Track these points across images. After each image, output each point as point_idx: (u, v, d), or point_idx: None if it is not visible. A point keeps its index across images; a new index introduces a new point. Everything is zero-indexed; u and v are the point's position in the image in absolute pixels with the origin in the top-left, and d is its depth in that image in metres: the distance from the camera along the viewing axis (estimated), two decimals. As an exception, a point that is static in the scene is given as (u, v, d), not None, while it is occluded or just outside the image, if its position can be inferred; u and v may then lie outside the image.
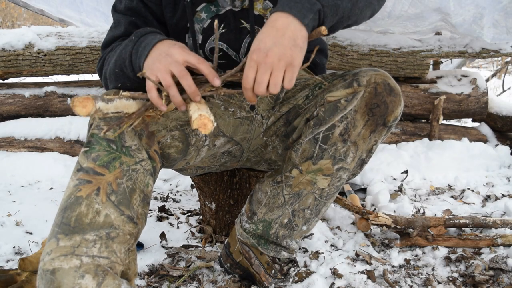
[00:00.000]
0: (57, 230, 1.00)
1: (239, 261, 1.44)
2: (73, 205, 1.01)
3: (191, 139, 1.26)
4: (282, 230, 1.33)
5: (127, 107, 0.94)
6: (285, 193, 1.28)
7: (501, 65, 5.25)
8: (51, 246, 0.98)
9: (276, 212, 1.31)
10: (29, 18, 8.70)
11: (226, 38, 1.29)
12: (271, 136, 1.38)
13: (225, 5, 1.26)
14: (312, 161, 1.22)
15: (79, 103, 0.86)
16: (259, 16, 1.28)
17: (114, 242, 1.01)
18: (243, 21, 1.28)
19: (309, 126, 1.23)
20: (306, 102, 1.30)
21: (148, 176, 1.11)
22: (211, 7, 1.26)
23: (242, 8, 1.27)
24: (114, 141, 1.06)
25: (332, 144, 1.20)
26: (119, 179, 1.05)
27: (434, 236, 1.68)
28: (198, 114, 0.89)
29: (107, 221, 1.01)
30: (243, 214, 1.41)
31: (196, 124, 0.88)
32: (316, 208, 1.30)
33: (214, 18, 1.27)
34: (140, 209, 1.08)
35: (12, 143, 2.77)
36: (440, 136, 2.94)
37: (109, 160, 1.05)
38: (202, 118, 0.88)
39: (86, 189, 1.02)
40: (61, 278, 0.95)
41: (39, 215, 1.94)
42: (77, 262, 0.96)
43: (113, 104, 0.91)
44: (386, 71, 2.82)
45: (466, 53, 2.79)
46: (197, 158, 1.32)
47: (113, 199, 1.03)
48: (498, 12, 2.48)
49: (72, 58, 2.79)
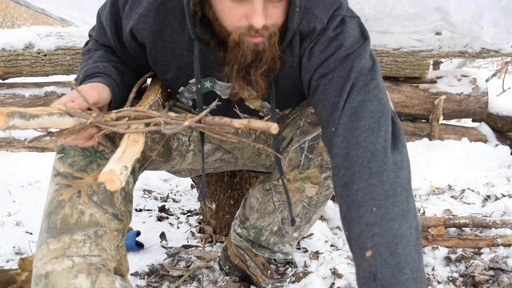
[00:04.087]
0: (46, 236, 1.00)
1: (237, 264, 1.44)
2: (56, 209, 1.01)
3: (173, 143, 1.24)
4: (273, 237, 1.34)
5: (57, 124, 0.84)
6: (274, 200, 1.29)
7: (501, 65, 5.25)
8: (43, 252, 0.99)
9: (267, 219, 1.32)
10: (29, 18, 8.70)
11: (217, 113, 1.21)
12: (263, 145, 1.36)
13: (223, 94, 1.19)
14: (299, 170, 1.22)
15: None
16: (254, 110, 1.23)
17: (103, 240, 1.01)
18: (235, 108, 1.23)
19: (295, 135, 1.23)
20: (292, 112, 1.29)
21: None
22: (205, 82, 1.17)
23: (230, 98, 1.18)
24: (87, 148, 1.05)
25: (318, 154, 1.20)
26: None
27: (434, 236, 1.68)
28: (109, 169, 0.77)
29: (92, 220, 1.01)
30: (236, 217, 1.41)
31: (102, 177, 0.77)
32: (306, 216, 1.30)
33: (206, 94, 1.18)
34: (123, 206, 1.08)
35: (12, 143, 2.77)
36: (440, 136, 2.94)
37: (86, 163, 1.04)
38: (110, 174, 0.77)
39: (67, 193, 1.02)
40: (55, 280, 0.96)
41: (39, 215, 1.91)
42: (69, 263, 0.97)
43: (36, 120, 0.80)
44: (386, 71, 2.84)
45: (466, 53, 2.79)
46: (183, 163, 1.30)
47: (95, 200, 1.03)
48: (498, 12, 2.48)
49: (72, 58, 2.79)
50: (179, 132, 1.17)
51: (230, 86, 1.12)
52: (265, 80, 1.06)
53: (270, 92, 1.11)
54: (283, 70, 1.07)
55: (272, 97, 1.12)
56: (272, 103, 1.13)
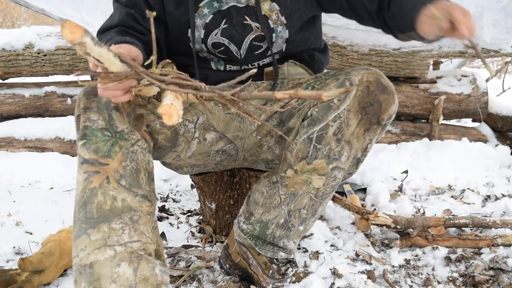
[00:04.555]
0: (85, 226, 1.04)
1: (238, 262, 1.44)
2: (90, 197, 1.04)
3: (179, 129, 1.27)
4: (279, 230, 1.33)
5: (110, 63, 0.88)
6: (281, 193, 1.29)
7: (501, 65, 5.25)
8: (84, 242, 1.03)
9: (273, 212, 1.31)
10: (29, 18, 8.70)
11: (228, 33, 1.31)
12: (265, 136, 1.38)
13: (228, 0, 1.28)
14: (307, 161, 1.22)
15: (69, 27, 0.79)
16: (264, 16, 1.29)
17: (139, 224, 1.06)
18: (247, 17, 1.30)
19: (303, 126, 1.23)
20: (299, 102, 1.30)
21: (147, 154, 1.14)
22: (213, 2, 1.28)
23: (247, 4, 1.29)
24: (107, 128, 1.08)
25: (326, 144, 1.20)
26: (123, 162, 1.08)
27: (434, 236, 1.68)
28: (170, 102, 0.85)
29: (125, 205, 1.05)
30: (240, 215, 1.41)
31: (163, 109, 0.84)
32: (312, 208, 1.30)
33: (216, 14, 1.29)
34: (148, 187, 1.12)
35: (12, 143, 2.77)
36: (440, 136, 2.94)
37: (108, 148, 1.07)
38: (171, 108, 0.84)
39: (97, 180, 1.05)
40: (99, 269, 1.01)
41: (39, 215, 1.94)
42: (111, 252, 1.02)
43: (99, 49, 0.84)
44: (386, 71, 2.84)
45: (466, 53, 2.79)
46: (187, 151, 1.32)
47: (124, 184, 1.06)
48: (497, 12, 2.48)
49: (72, 58, 2.79)
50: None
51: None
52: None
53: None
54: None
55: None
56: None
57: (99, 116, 1.09)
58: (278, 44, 1.35)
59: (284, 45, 1.36)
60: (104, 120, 1.09)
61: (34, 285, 1.37)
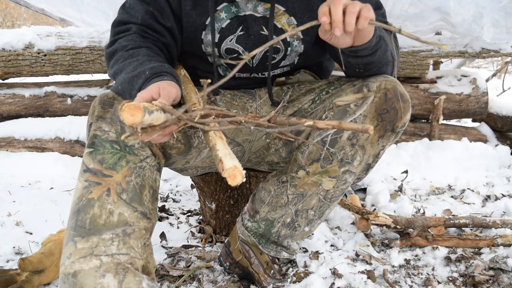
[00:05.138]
0: (73, 233, 1.01)
1: (239, 260, 1.44)
2: (85, 207, 1.02)
3: (194, 141, 1.25)
4: (284, 229, 1.33)
5: (157, 119, 0.88)
6: (289, 193, 1.28)
7: (501, 65, 5.25)
8: (70, 250, 1.00)
9: (279, 211, 1.31)
10: (29, 18, 8.70)
11: (244, 41, 1.28)
12: (274, 139, 1.37)
13: (245, 9, 1.25)
14: (321, 164, 1.22)
15: (129, 110, 0.78)
16: (281, 30, 1.27)
17: (130, 238, 1.03)
18: (264, 28, 1.27)
19: (316, 129, 1.23)
20: (312, 106, 1.30)
21: (155, 171, 1.12)
22: (231, 7, 1.25)
23: (264, 15, 1.26)
24: (117, 142, 1.07)
25: (340, 148, 1.20)
26: (128, 177, 1.06)
27: (434, 236, 1.68)
28: (233, 165, 0.81)
29: (121, 219, 1.03)
30: (245, 212, 1.41)
31: (227, 173, 0.81)
32: (319, 210, 1.30)
33: (233, 19, 1.26)
34: (151, 204, 1.10)
35: (12, 143, 2.77)
36: (440, 136, 2.94)
37: (115, 161, 1.05)
38: (235, 170, 0.81)
39: (96, 191, 1.03)
40: (82, 279, 0.97)
41: (39, 215, 1.94)
42: (97, 262, 0.98)
43: (152, 116, 0.84)
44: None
45: (466, 53, 2.79)
46: (197, 158, 1.32)
47: (124, 198, 1.04)
48: (498, 12, 2.48)
49: (72, 58, 2.79)
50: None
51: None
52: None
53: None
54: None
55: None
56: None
57: (111, 128, 1.07)
58: (292, 57, 1.34)
59: (296, 58, 1.35)
60: (115, 132, 1.07)
61: (34, 285, 1.37)
